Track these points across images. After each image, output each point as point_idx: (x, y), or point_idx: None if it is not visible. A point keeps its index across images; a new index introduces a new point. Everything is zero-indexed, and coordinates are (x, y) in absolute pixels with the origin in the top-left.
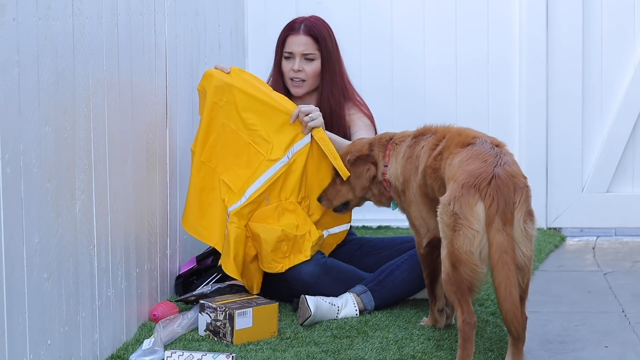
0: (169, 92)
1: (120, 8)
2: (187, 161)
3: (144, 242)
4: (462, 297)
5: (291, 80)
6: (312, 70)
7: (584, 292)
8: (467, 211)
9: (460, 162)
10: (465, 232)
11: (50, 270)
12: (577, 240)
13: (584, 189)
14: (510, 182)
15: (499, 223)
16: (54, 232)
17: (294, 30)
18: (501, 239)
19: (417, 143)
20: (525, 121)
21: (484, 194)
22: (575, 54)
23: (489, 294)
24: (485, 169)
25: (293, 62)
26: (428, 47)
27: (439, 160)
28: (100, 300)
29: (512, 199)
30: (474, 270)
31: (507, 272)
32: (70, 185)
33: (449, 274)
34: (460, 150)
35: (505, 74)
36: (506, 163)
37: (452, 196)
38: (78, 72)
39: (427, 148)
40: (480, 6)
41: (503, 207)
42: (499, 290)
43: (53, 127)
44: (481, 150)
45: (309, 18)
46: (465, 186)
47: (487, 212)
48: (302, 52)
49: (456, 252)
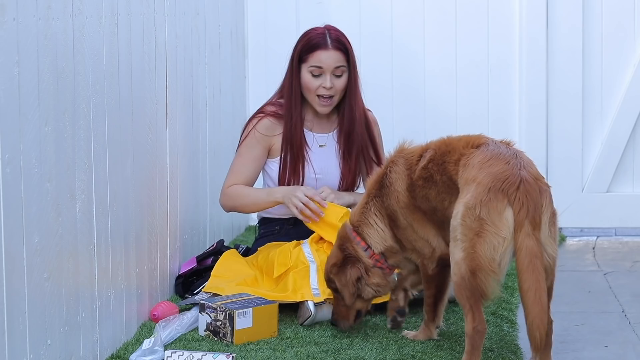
0: (169, 92)
1: (120, 8)
2: (186, 161)
3: (144, 242)
4: (475, 303)
5: (318, 97)
6: (341, 85)
7: (584, 292)
8: (495, 217)
9: (480, 164)
10: (491, 238)
11: (50, 270)
12: (577, 240)
13: (584, 189)
14: (536, 186)
15: (528, 228)
16: (54, 232)
17: (321, 45)
18: (531, 243)
19: (381, 186)
20: (525, 121)
21: (513, 199)
22: (575, 54)
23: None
24: (512, 171)
25: (323, 79)
26: (428, 48)
27: (437, 165)
28: (100, 300)
29: (539, 203)
30: (493, 277)
31: (537, 276)
32: (70, 185)
33: (465, 278)
34: (474, 151)
35: (506, 74)
36: (528, 165)
37: (478, 200)
38: (78, 72)
39: (402, 168)
40: (480, 6)
41: (532, 211)
42: (527, 295)
43: (53, 127)
44: (499, 151)
45: (328, 30)
46: (493, 190)
47: (516, 217)
48: (333, 67)
49: (478, 257)
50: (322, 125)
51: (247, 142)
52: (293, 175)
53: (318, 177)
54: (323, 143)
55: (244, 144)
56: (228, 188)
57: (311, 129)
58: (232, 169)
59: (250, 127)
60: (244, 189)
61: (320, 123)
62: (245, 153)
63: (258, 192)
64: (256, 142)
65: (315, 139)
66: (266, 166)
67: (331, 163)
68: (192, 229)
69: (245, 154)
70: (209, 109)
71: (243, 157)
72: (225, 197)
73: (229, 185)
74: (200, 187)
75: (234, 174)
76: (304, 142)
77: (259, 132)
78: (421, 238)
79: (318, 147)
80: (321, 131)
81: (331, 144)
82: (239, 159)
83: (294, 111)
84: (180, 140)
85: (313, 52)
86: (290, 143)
